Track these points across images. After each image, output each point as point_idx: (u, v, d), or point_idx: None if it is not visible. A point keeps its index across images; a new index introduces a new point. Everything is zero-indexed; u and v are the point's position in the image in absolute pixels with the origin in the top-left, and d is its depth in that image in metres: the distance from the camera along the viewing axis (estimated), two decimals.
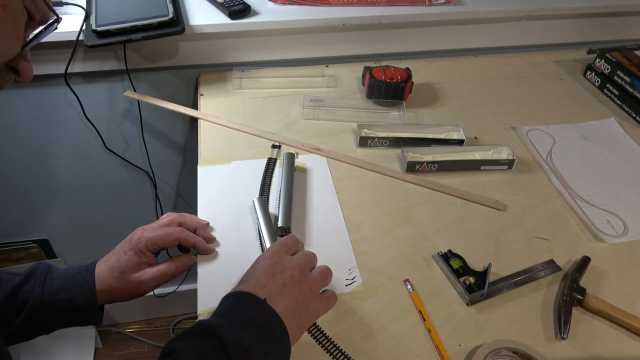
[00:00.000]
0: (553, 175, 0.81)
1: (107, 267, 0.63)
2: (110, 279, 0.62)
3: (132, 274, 0.62)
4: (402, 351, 0.56)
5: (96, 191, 1.20)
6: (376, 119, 0.91)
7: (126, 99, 1.03)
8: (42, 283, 0.60)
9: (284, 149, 0.83)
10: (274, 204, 0.72)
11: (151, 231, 0.63)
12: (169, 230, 0.64)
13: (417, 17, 1.00)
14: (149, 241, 0.62)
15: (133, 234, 0.64)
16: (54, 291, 0.60)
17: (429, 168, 0.80)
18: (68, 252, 1.32)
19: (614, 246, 0.70)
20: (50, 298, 0.60)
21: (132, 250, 0.62)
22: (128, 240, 0.64)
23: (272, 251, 0.58)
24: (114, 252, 0.64)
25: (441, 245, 0.69)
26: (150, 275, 0.63)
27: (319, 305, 0.57)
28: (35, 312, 0.59)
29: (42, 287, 0.60)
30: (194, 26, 0.90)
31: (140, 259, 0.63)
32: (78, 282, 0.61)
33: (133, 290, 0.63)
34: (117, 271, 0.62)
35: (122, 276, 0.62)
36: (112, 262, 0.63)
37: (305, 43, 1.01)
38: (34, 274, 0.61)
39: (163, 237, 0.63)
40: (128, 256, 0.62)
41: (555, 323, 0.60)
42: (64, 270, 0.63)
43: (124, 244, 0.63)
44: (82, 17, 0.86)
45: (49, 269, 0.62)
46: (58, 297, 0.60)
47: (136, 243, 0.62)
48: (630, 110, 0.96)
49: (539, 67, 1.09)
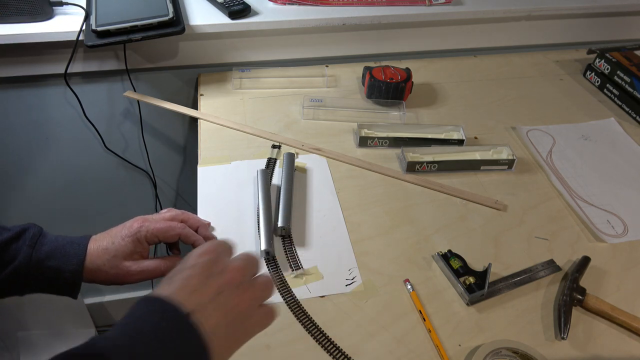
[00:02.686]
0: (553, 175, 0.81)
1: (100, 248, 0.60)
2: (99, 259, 0.60)
3: (123, 261, 0.60)
4: (402, 351, 0.56)
5: (96, 191, 1.20)
6: (376, 119, 0.91)
7: (126, 99, 1.03)
8: (32, 246, 0.58)
9: (284, 149, 0.83)
10: (274, 204, 0.72)
11: (154, 222, 0.62)
12: (171, 225, 0.62)
13: (417, 17, 1.00)
14: (150, 232, 0.61)
15: (133, 221, 0.62)
16: (42, 257, 0.58)
17: (429, 168, 0.80)
18: None
19: (614, 246, 0.70)
20: (37, 263, 0.57)
21: (130, 237, 0.60)
22: (127, 226, 0.62)
23: (207, 248, 0.44)
24: (109, 234, 0.62)
25: (441, 245, 0.69)
26: (140, 268, 0.61)
27: (258, 321, 0.43)
28: (18, 273, 0.57)
29: (31, 250, 0.57)
30: (194, 26, 0.90)
31: (135, 247, 0.61)
32: (68, 253, 0.59)
33: (118, 277, 0.61)
34: (109, 254, 0.60)
35: (112, 260, 0.60)
36: (106, 243, 0.60)
37: (305, 43, 1.01)
38: (25, 233, 0.59)
39: (165, 230, 0.62)
40: (125, 242, 0.60)
41: (555, 323, 0.60)
42: (55, 237, 0.60)
43: (122, 229, 0.62)
44: (82, 17, 0.86)
45: (41, 233, 0.60)
46: (45, 264, 0.58)
47: (136, 231, 0.61)
48: (630, 110, 0.96)
49: (539, 67, 1.09)
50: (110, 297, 1.49)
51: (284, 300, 0.61)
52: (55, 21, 0.87)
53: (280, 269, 0.64)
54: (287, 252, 0.66)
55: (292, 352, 0.56)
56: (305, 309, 0.60)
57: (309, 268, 0.64)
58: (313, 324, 0.58)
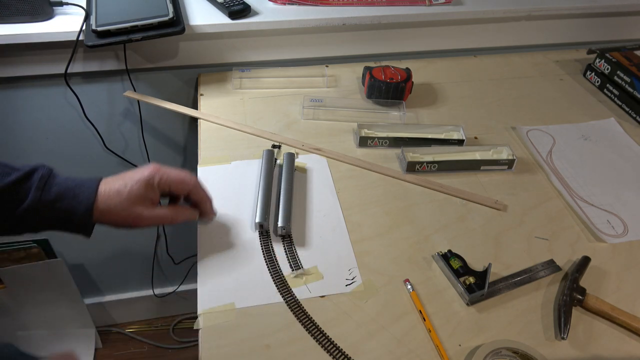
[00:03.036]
0: (553, 175, 0.81)
1: (112, 189, 0.60)
2: (111, 201, 0.60)
3: (135, 205, 0.61)
4: (402, 351, 0.56)
5: None
6: (376, 119, 0.91)
7: (126, 99, 1.03)
8: (41, 188, 0.57)
9: (284, 149, 0.83)
10: (274, 204, 0.72)
11: (168, 171, 0.63)
12: (185, 178, 0.64)
13: (417, 17, 1.00)
14: (165, 180, 0.62)
15: (147, 167, 0.63)
16: (52, 199, 0.58)
17: (429, 168, 0.80)
18: (68, 252, 1.32)
19: (614, 246, 0.70)
20: (46, 204, 0.58)
21: (144, 182, 0.61)
22: (141, 171, 0.62)
23: None
24: (121, 177, 0.62)
25: (441, 245, 0.69)
26: (152, 214, 0.62)
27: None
28: (29, 213, 0.57)
29: (40, 193, 0.57)
30: (194, 26, 0.90)
31: (148, 193, 0.61)
32: (77, 195, 0.59)
33: (129, 220, 0.61)
34: (121, 196, 0.60)
35: (125, 203, 0.60)
36: (118, 186, 0.60)
37: (305, 43, 1.01)
38: (34, 174, 0.58)
39: (180, 181, 0.63)
40: (138, 185, 0.60)
41: (555, 323, 0.60)
42: (65, 179, 0.60)
43: (135, 173, 0.62)
44: (82, 17, 0.86)
45: (50, 174, 0.59)
46: (55, 206, 0.58)
47: (150, 176, 0.61)
48: (630, 110, 0.96)
49: (539, 67, 1.09)
50: (110, 297, 1.50)
51: (284, 300, 0.61)
52: (55, 21, 0.87)
53: (280, 269, 0.64)
54: (287, 252, 0.66)
55: (292, 352, 0.56)
56: (305, 309, 0.60)
57: (309, 268, 0.64)
58: (313, 324, 0.58)
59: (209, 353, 0.55)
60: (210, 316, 0.59)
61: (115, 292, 1.50)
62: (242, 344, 0.56)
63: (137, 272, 1.44)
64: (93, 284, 1.44)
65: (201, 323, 0.58)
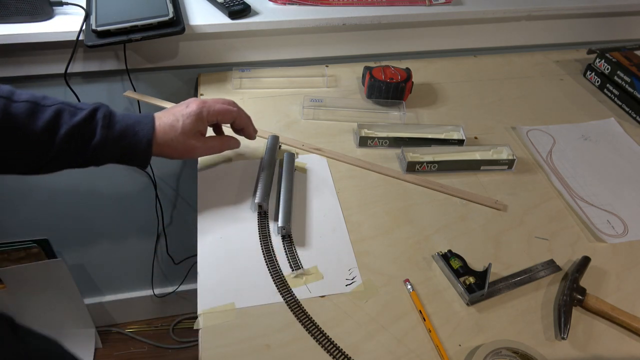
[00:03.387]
0: (553, 175, 0.81)
1: (166, 125, 0.66)
2: (167, 135, 0.65)
3: (189, 139, 0.67)
4: (402, 351, 0.56)
5: (96, 191, 1.20)
6: (376, 119, 0.91)
7: (126, 99, 1.03)
8: (106, 126, 0.63)
9: (284, 149, 0.83)
10: (274, 204, 0.72)
11: (213, 104, 0.69)
12: (229, 108, 0.70)
13: (417, 17, 1.00)
14: (212, 112, 0.68)
15: (192, 102, 0.68)
16: (116, 137, 0.63)
17: (429, 168, 0.80)
18: (68, 252, 1.32)
19: (614, 246, 0.70)
20: (112, 142, 0.63)
21: (194, 116, 0.66)
22: (188, 106, 0.67)
23: None
24: (171, 112, 0.67)
25: (441, 245, 0.69)
26: (204, 145, 0.69)
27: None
28: (96, 150, 0.63)
29: (106, 131, 0.62)
30: (194, 26, 0.90)
31: (198, 126, 0.67)
32: (137, 133, 0.64)
33: (184, 152, 0.67)
34: (176, 131, 0.66)
35: (180, 137, 0.66)
36: (171, 121, 0.66)
37: (305, 43, 1.01)
38: (97, 113, 0.63)
39: (224, 112, 0.69)
40: (190, 120, 0.66)
41: (555, 323, 0.60)
42: (122, 117, 0.65)
43: (184, 108, 0.67)
44: (82, 17, 0.86)
45: (111, 112, 0.64)
46: (119, 143, 0.64)
47: (198, 111, 0.67)
48: (630, 110, 0.96)
49: (539, 67, 1.09)
50: (110, 297, 1.50)
51: (284, 300, 0.61)
52: (55, 21, 0.87)
53: (280, 269, 0.64)
54: (287, 252, 0.66)
55: (292, 352, 0.56)
56: (305, 309, 0.60)
57: (309, 268, 0.64)
58: (313, 324, 0.58)
59: (209, 353, 0.55)
60: (210, 316, 0.59)
61: (115, 292, 1.50)
62: (242, 344, 0.56)
63: (137, 272, 1.44)
64: (93, 284, 1.44)
65: (201, 323, 0.58)
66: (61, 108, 0.61)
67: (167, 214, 1.31)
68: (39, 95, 0.62)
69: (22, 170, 0.63)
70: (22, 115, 0.59)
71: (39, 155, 0.61)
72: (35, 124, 0.60)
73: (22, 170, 0.63)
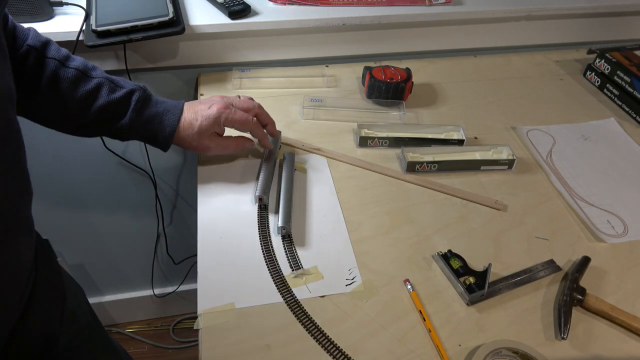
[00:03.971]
0: (553, 175, 0.81)
1: (187, 121, 0.70)
2: (185, 132, 0.70)
3: (204, 139, 0.71)
4: (402, 351, 0.56)
5: (96, 191, 1.20)
6: (376, 119, 0.91)
7: None
8: (137, 110, 0.68)
9: (284, 149, 0.83)
10: (274, 204, 0.72)
11: (233, 112, 0.71)
12: (247, 120, 0.72)
13: (417, 17, 1.00)
14: (229, 120, 0.71)
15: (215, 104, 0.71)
16: (144, 120, 0.69)
17: (429, 168, 0.80)
18: (68, 252, 1.32)
19: (614, 246, 0.70)
20: (139, 124, 0.69)
21: (213, 120, 0.70)
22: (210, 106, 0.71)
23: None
24: (194, 109, 0.71)
25: (441, 245, 0.69)
26: (218, 144, 0.73)
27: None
28: (123, 129, 0.69)
29: (135, 114, 0.68)
30: (194, 26, 0.90)
31: (214, 128, 0.71)
32: (163, 121, 0.69)
33: (199, 149, 0.72)
34: (193, 129, 0.70)
35: (195, 135, 0.70)
36: (192, 118, 0.70)
37: (305, 43, 1.01)
38: (133, 95, 0.68)
39: (241, 122, 0.72)
40: (207, 122, 0.70)
41: (555, 323, 0.60)
42: (155, 103, 0.70)
43: (206, 109, 0.71)
44: (82, 17, 0.86)
45: (145, 97, 0.69)
46: (145, 127, 0.69)
47: (217, 115, 0.70)
48: (630, 110, 0.96)
49: (539, 67, 1.09)
50: (110, 297, 1.50)
51: (284, 300, 0.61)
52: (55, 21, 0.87)
53: (280, 269, 0.64)
54: (287, 252, 0.66)
55: (292, 352, 0.56)
56: (305, 309, 0.60)
57: (309, 268, 0.64)
58: (313, 324, 0.58)
59: (209, 353, 0.55)
60: (210, 316, 0.59)
61: (115, 292, 1.50)
62: (242, 344, 0.56)
63: (137, 272, 1.44)
64: (93, 284, 1.44)
65: (201, 323, 0.58)
66: (103, 82, 0.67)
67: (167, 214, 1.31)
68: (90, 65, 0.68)
69: (60, 128, 0.69)
70: (67, 81, 0.65)
71: (74, 119, 0.67)
72: (77, 91, 0.66)
73: (60, 128, 0.69)
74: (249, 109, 0.73)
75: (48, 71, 0.64)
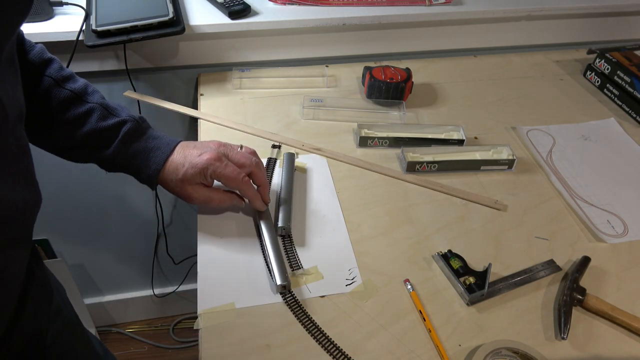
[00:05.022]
0: (553, 175, 0.81)
1: (174, 164, 0.65)
2: (170, 175, 0.66)
3: (187, 186, 0.66)
4: (402, 351, 0.56)
5: (96, 191, 1.20)
6: (376, 119, 0.91)
7: (126, 99, 1.03)
8: (124, 142, 0.64)
9: (284, 149, 0.83)
10: (274, 204, 0.72)
11: (224, 167, 0.65)
12: (237, 177, 0.65)
13: (417, 17, 1.00)
14: (216, 174, 0.65)
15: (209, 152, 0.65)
16: (130, 154, 0.65)
17: (429, 168, 0.80)
18: (68, 252, 1.32)
19: (614, 246, 0.70)
20: (123, 156, 0.65)
21: (199, 170, 0.64)
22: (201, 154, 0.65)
23: None
24: (185, 154, 0.66)
25: (441, 245, 0.69)
26: (201, 197, 0.67)
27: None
28: (106, 159, 0.65)
29: (121, 145, 0.64)
30: (194, 26, 0.90)
31: (199, 179, 0.65)
32: (149, 159, 0.65)
33: (181, 195, 0.67)
34: (177, 174, 0.65)
35: (179, 182, 0.65)
36: (178, 162, 0.65)
37: (305, 43, 1.01)
38: (123, 126, 0.65)
39: (230, 179, 0.65)
40: (193, 171, 0.64)
41: (555, 323, 0.60)
42: (147, 137, 0.66)
43: (196, 156, 0.65)
44: (82, 17, 0.86)
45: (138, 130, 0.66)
46: (129, 161, 0.66)
47: (205, 166, 0.64)
48: (630, 110, 0.96)
49: (539, 67, 1.09)
50: (110, 297, 1.50)
51: (284, 300, 0.61)
52: (55, 21, 0.87)
53: None
54: (287, 252, 0.66)
55: (292, 352, 0.56)
56: (305, 309, 0.60)
57: (309, 268, 0.64)
58: (313, 324, 0.58)
59: (209, 353, 0.55)
60: (210, 316, 0.59)
61: (115, 292, 1.50)
62: (242, 344, 0.56)
63: (137, 272, 1.44)
64: (93, 284, 1.44)
65: (201, 323, 0.58)
66: (95, 108, 0.64)
67: (167, 214, 1.31)
68: (90, 90, 0.66)
69: (48, 149, 0.67)
70: (58, 101, 0.63)
71: (58, 141, 0.65)
72: (66, 113, 0.63)
73: (48, 149, 0.67)
74: (244, 165, 0.66)
75: (42, 89, 0.62)
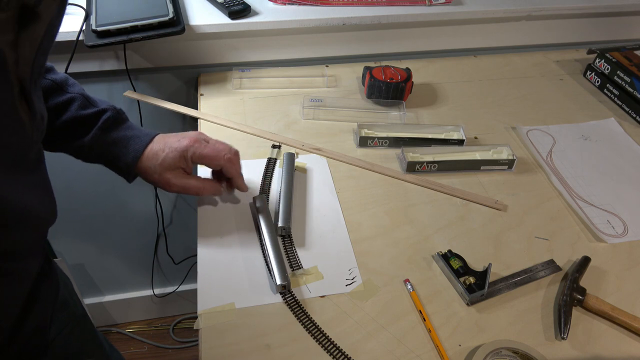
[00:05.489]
0: (553, 175, 0.81)
1: (153, 150, 0.65)
2: (149, 162, 0.65)
3: (166, 172, 0.65)
4: (402, 351, 0.56)
5: (96, 191, 1.20)
6: (376, 119, 0.91)
7: (126, 99, 1.03)
8: (103, 129, 0.64)
9: (284, 149, 0.83)
10: (274, 204, 0.72)
11: (204, 148, 0.65)
12: (218, 155, 0.66)
13: (417, 17, 1.00)
14: (197, 155, 0.65)
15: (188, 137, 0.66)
16: (108, 142, 0.64)
17: (429, 168, 0.80)
18: (68, 252, 1.32)
19: (614, 246, 0.70)
20: (101, 145, 0.64)
21: (178, 152, 0.64)
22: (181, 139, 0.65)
23: None
24: (165, 140, 0.66)
25: (441, 245, 0.69)
26: (180, 182, 0.66)
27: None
28: (84, 147, 0.64)
29: (99, 133, 0.63)
30: (194, 26, 0.90)
31: (180, 163, 0.65)
32: (128, 146, 0.64)
33: (160, 183, 0.66)
34: (157, 160, 0.64)
35: (158, 167, 0.65)
36: (159, 148, 0.65)
37: (305, 43, 1.01)
38: (103, 114, 0.64)
39: (211, 157, 0.66)
40: (172, 155, 0.64)
41: (555, 323, 0.60)
42: (126, 127, 0.66)
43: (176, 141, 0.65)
44: (82, 17, 0.86)
45: (117, 119, 0.65)
46: (108, 149, 0.64)
47: (185, 149, 0.64)
48: (630, 110, 0.96)
49: (539, 67, 1.09)
50: (110, 297, 1.50)
51: (284, 300, 0.61)
52: None
53: None
54: (287, 252, 0.66)
55: (292, 352, 0.56)
56: (305, 309, 0.60)
57: (309, 268, 0.64)
58: (313, 324, 0.58)
59: (209, 353, 0.55)
60: (210, 316, 0.59)
61: (115, 292, 1.50)
62: (242, 344, 0.56)
63: (137, 272, 1.44)
64: (93, 284, 1.44)
65: (201, 323, 0.58)
66: (76, 98, 0.64)
67: (167, 214, 1.31)
68: (71, 82, 0.65)
69: None
70: None
71: None
72: (47, 102, 0.62)
73: None
74: (223, 150, 0.67)
75: None
